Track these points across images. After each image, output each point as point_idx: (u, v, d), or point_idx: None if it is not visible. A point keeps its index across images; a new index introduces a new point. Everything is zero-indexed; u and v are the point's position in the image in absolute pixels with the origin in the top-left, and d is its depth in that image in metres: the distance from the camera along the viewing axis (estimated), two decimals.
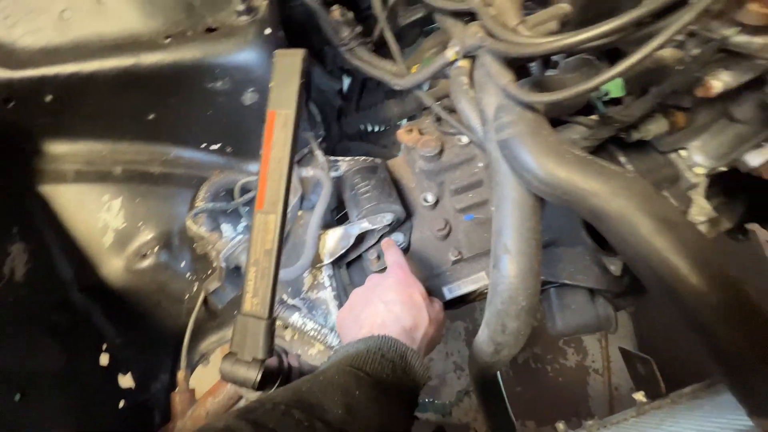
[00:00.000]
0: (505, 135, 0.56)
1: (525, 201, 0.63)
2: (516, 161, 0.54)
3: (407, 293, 0.64)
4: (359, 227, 0.88)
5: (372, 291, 0.65)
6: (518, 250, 0.61)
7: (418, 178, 1.02)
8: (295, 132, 0.44)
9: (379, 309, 0.62)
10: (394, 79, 1.05)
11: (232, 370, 0.42)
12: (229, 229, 0.77)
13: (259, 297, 0.42)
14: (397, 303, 0.62)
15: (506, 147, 0.56)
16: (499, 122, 0.58)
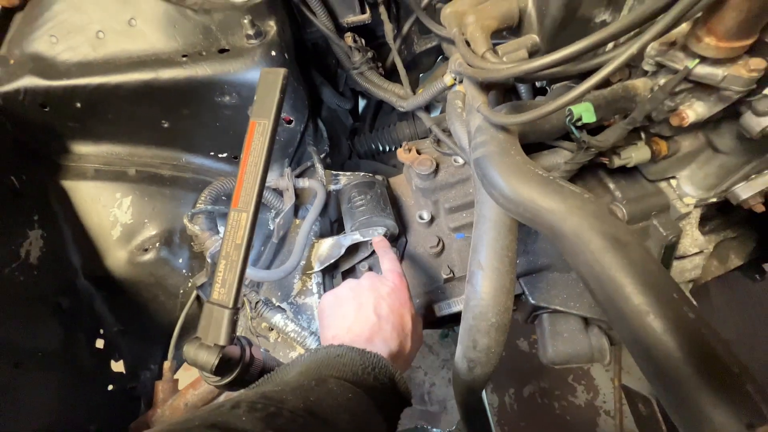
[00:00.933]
0: (478, 154, 0.59)
1: (500, 219, 0.64)
2: (486, 179, 0.56)
3: (400, 313, 0.64)
4: (351, 238, 0.91)
5: (367, 292, 0.64)
6: (491, 266, 0.62)
7: (415, 196, 1.05)
8: (272, 140, 0.48)
9: (370, 320, 0.61)
10: (399, 101, 1.11)
11: (194, 353, 0.45)
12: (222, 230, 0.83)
13: (226, 287, 0.45)
14: (389, 322, 0.61)
15: (479, 166, 0.59)
16: (475, 142, 0.61)
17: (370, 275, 0.71)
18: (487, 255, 0.63)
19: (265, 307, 0.71)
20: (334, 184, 1.05)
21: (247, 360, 0.48)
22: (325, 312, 0.65)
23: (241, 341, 0.49)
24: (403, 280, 0.71)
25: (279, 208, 0.85)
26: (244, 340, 0.50)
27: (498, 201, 0.55)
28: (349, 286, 0.68)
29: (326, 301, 0.67)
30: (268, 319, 0.71)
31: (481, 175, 0.58)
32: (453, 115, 0.89)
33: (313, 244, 0.91)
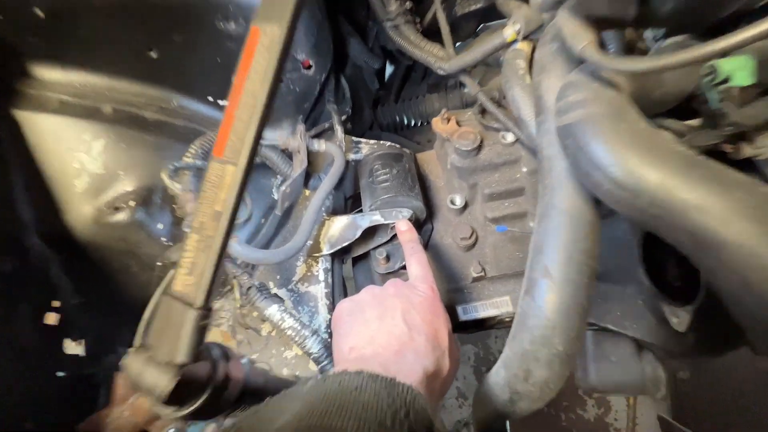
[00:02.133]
0: (570, 118, 0.41)
1: (582, 213, 0.48)
2: (582, 153, 0.39)
3: (434, 326, 0.51)
4: (370, 219, 0.75)
5: (393, 299, 0.52)
6: (564, 276, 0.46)
7: (448, 176, 0.88)
8: (282, 61, 0.32)
9: (398, 328, 0.48)
10: (438, 62, 0.92)
11: (138, 371, 0.29)
12: None
13: (195, 276, 0.30)
14: (422, 333, 0.49)
15: (570, 134, 0.42)
16: (565, 102, 0.43)
17: (395, 282, 0.57)
18: (559, 260, 0.47)
19: (259, 294, 0.56)
20: (354, 152, 0.88)
21: (218, 381, 0.32)
22: (342, 319, 0.52)
23: (211, 354, 0.34)
24: (436, 292, 0.57)
25: (287, 173, 0.69)
26: (216, 352, 0.35)
27: (600, 187, 0.39)
28: (371, 293, 0.54)
29: (343, 307, 0.53)
30: (261, 310, 0.56)
31: (573, 148, 0.41)
32: (513, 79, 0.71)
33: (323, 222, 0.75)
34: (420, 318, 0.51)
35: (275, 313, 0.56)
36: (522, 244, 0.83)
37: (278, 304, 0.56)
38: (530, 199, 0.80)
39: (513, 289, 0.87)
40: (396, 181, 0.80)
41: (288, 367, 0.60)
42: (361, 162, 0.87)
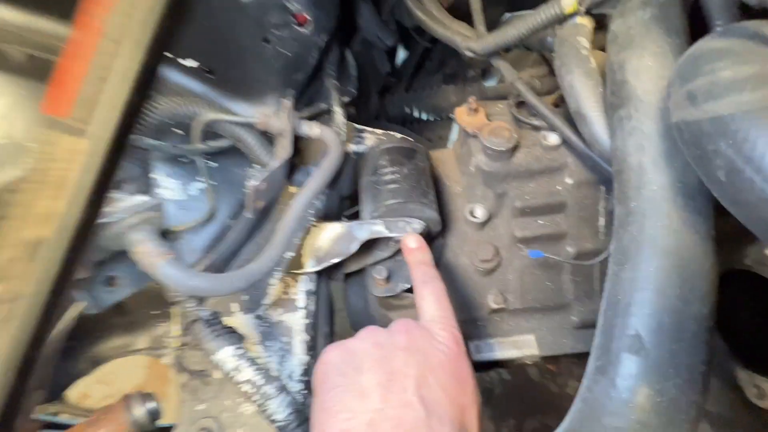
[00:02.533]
0: (726, 106, 0.25)
1: (696, 257, 0.32)
2: (752, 164, 0.23)
3: (460, 405, 0.36)
4: (370, 230, 0.58)
5: (406, 357, 0.38)
6: (667, 354, 0.30)
7: (469, 182, 0.71)
8: None
9: (413, 413, 0.34)
10: (466, 41, 0.74)
11: None
12: (175, 186, 0.50)
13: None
14: (445, 420, 0.34)
15: (722, 132, 0.25)
16: (709, 82, 0.27)
17: (407, 326, 0.40)
18: (658, 327, 0.31)
19: (207, 330, 0.40)
20: (356, 143, 0.71)
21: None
22: (328, 380, 0.36)
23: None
24: (461, 344, 0.41)
25: (265, 162, 0.52)
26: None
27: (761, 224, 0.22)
28: (373, 340, 0.39)
29: (331, 361, 0.38)
30: (210, 352, 0.40)
31: (727, 157, 0.25)
32: (572, 60, 0.54)
33: (309, 229, 0.58)
34: (442, 392, 0.35)
35: (228, 359, 0.39)
36: (556, 273, 0.67)
37: (234, 346, 0.40)
38: (572, 219, 0.64)
39: (539, 327, 0.71)
40: (406, 184, 0.63)
41: (244, 427, 0.44)
42: (364, 156, 0.70)
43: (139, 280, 0.38)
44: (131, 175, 0.39)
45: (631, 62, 0.41)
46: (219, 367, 0.40)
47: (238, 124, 0.50)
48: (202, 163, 0.51)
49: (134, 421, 0.43)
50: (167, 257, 0.32)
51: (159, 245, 0.32)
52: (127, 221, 0.32)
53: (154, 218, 0.33)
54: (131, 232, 0.32)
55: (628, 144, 0.39)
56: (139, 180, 0.40)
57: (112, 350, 0.55)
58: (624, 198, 0.37)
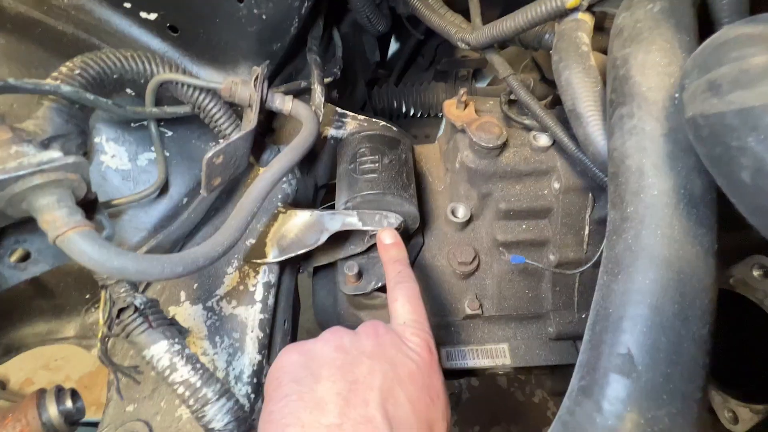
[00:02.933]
0: (751, 99, 0.21)
1: (696, 271, 0.29)
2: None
3: (429, 422, 0.32)
4: (342, 221, 0.53)
5: (371, 364, 0.33)
6: (659, 376, 0.27)
7: (453, 179, 0.68)
8: None
9: (371, 428, 0.29)
10: (460, 32, 0.70)
11: None
12: (121, 153, 0.43)
13: None
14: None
15: (754, 125, 0.21)
16: (738, 69, 0.23)
17: (376, 329, 0.36)
18: (651, 346, 0.27)
19: (138, 321, 0.33)
20: (335, 127, 0.66)
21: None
22: (282, 386, 0.31)
23: None
24: (434, 350, 0.37)
25: (228, 133, 0.46)
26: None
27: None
28: (336, 343, 0.34)
29: (287, 365, 0.33)
30: (141, 347, 0.33)
31: (756, 155, 0.21)
32: (571, 56, 0.51)
33: (275, 215, 0.53)
34: (409, 407, 0.31)
35: (161, 355, 0.33)
36: (535, 281, 0.64)
37: (170, 340, 0.34)
38: (556, 226, 0.61)
39: (513, 336, 0.68)
40: (386, 174, 0.59)
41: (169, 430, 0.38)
42: (343, 141, 0.64)
43: (60, 254, 0.32)
44: (62, 132, 0.33)
45: (637, 57, 0.37)
46: (151, 364, 0.34)
47: (199, 89, 0.44)
48: (154, 130, 0.45)
49: (45, 423, 0.37)
50: (81, 229, 0.26)
51: (72, 213, 0.26)
52: (30, 180, 0.25)
53: (70, 181, 0.26)
54: (35, 196, 0.26)
55: (627, 145, 0.35)
56: (74, 140, 0.34)
57: (34, 337, 0.48)
58: (619, 202, 0.34)
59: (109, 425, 0.39)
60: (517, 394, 1.80)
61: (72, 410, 0.38)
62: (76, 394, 0.40)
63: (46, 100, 0.34)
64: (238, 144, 0.42)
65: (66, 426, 0.38)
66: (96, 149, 0.43)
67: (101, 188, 0.43)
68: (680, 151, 0.32)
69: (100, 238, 0.27)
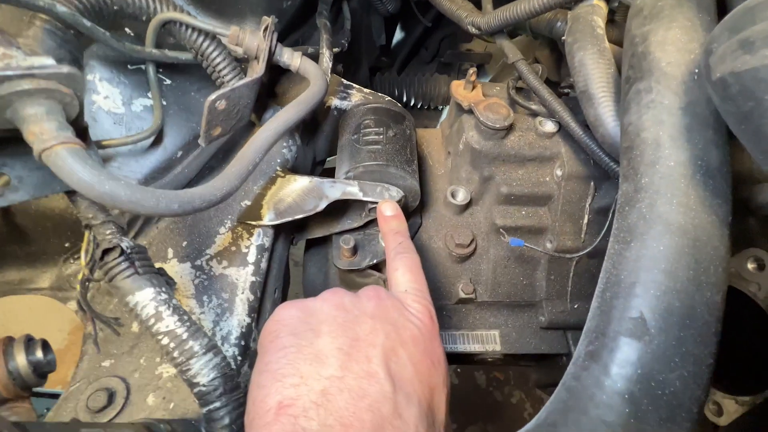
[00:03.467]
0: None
1: (711, 237, 0.29)
2: None
3: (430, 386, 0.31)
4: (342, 190, 0.52)
5: (373, 324, 0.32)
6: (672, 338, 0.26)
7: (455, 162, 0.67)
8: None
9: (378, 387, 0.29)
10: (470, 16, 0.70)
11: None
12: (114, 94, 0.40)
13: None
14: (413, 401, 0.29)
15: None
16: (759, 29, 0.23)
17: (378, 292, 0.35)
18: (665, 309, 0.27)
19: (124, 264, 0.31)
20: (340, 98, 0.64)
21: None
22: (277, 339, 0.30)
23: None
24: (435, 318, 0.37)
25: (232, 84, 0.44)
26: None
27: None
28: (337, 301, 0.33)
29: (283, 317, 0.31)
30: (124, 293, 0.31)
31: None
32: (586, 38, 0.51)
33: (274, 178, 0.51)
34: (412, 368, 0.30)
35: (146, 302, 0.30)
36: (531, 268, 0.64)
37: (156, 288, 0.31)
38: (555, 213, 0.61)
39: (505, 323, 0.67)
40: (390, 147, 0.57)
41: (158, 392, 0.35)
42: (347, 113, 0.63)
43: (43, 183, 0.29)
44: (54, 57, 0.30)
45: (657, 34, 0.37)
46: (135, 312, 0.32)
47: (204, 34, 0.41)
48: (152, 74, 0.42)
49: (12, 371, 0.34)
50: (72, 146, 0.23)
51: (62, 128, 0.24)
52: (18, 84, 0.23)
53: (63, 94, 0.24)
54: (22, 103, 0.23)
55: (644, 118, 0.35)
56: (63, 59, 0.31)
57: (4, 285, 0.44)
58: (633, 174, 0.34)
59: (82, 380, 0.36)
60: (495, 393, 1.81)
61: (42, 361, 0.35)
62: (47, 346, 0.38)
63: (39, 20, 0.31)
64: (242, 92, 0.40)
65: (34, 377, 0.35)
66: (88, 87, 0.40)
67: (90, 130, 0.40)
68: (698, 124, 0.32)
69: (91, 159, 0.24)
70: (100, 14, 0.36)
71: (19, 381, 0.35)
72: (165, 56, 0.42)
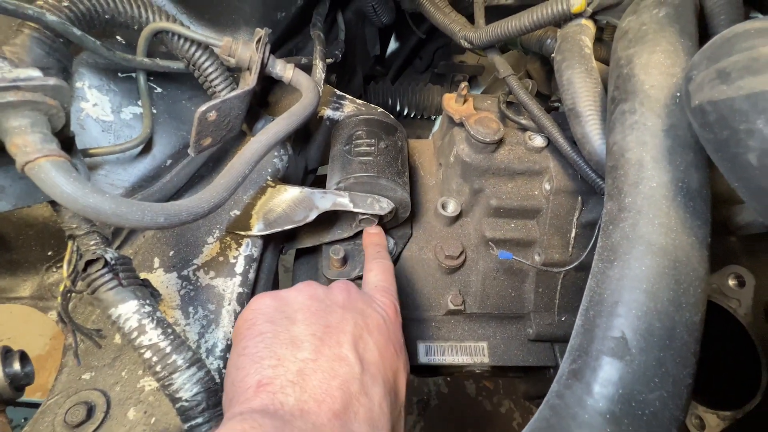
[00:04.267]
0: (761, 84, 0.22)
1: (690, 259, 0.29)
2: None
3: (393, 369, 0.35)
4: (333, 201, 0.52)
5: (343, 313, 0.35)
6: (652, 359, 0.27)
7: (446, 174, 0.67)
8: None
9: (347, 367, 0.31)
10: (464, 30, 0.71)
11: None
12: (104, 102, 0.40)
13: None
14: (378, 380, 0.32)
15: (751, 109, 0.22)
16: (735, 60, 0.24)
17: (347, 285, 0.39)
18: (645, 329, 0.27)
19: (107, 276, 0.30)
20: (333, 108, 0.65)
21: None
22: (255, 326, 0.32)
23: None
24: (399, 313, 0.41)
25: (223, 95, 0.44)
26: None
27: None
28: (310, 292, 0.36)
29: (261, 306, 0.33)
30: (106, 306, 0.30)
31: (747, 134, 0.22)
32: (574, 57, 0.52)
33: (264, 188, 0.51)
34: (377, 352, 0.33)
35: (129, 315, 0.30)
36: (519, 280, 0.65)
37: (140, 301, 0.31)
38: (543, 226, 0.61)
39: (493, 335, 0.67)
40: (381, 159, 0.58)
41: (139, 406, 0.35)
42: (339, 123, 0.63)
43: (27, 193, 0.28)
44: (41, 65, 0.30)
45: (642, 57, 0.38)
46: (117, 325, 0.31)
47: (197, 44, 0.41)
48: (143, 82, 0.42)
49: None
50: (55, 159, 0.23)
51: (46, 141, 0.23)
52: (2, 96, 0.22)
53: (48, 106, 0.23)
54: (6, 115, 0.23)
55: (628, 139, 0.36)
56: (53, 76, 0.30)
57: None
58: (617, 193, 0.34)
59: (60, 393, 0.35)
60: (484, 403, 1.80)
61: (19, 373, 0.34)
62: (25, 357, 0.37)
63: (27, 28, 0.31)
64: (233, 103, 0.40)
65: (11, 390, 0.34)
66: (77, 95, 0.40)
67: (78, 138, 0.40)
68: (679, 146, 0.33)
69: (76, 172, 0.24)
70: (90, 23, 0.36)
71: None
72: (156, 65, 0.41)
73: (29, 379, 0.36)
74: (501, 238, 0.63)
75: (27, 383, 0.36)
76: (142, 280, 0.35)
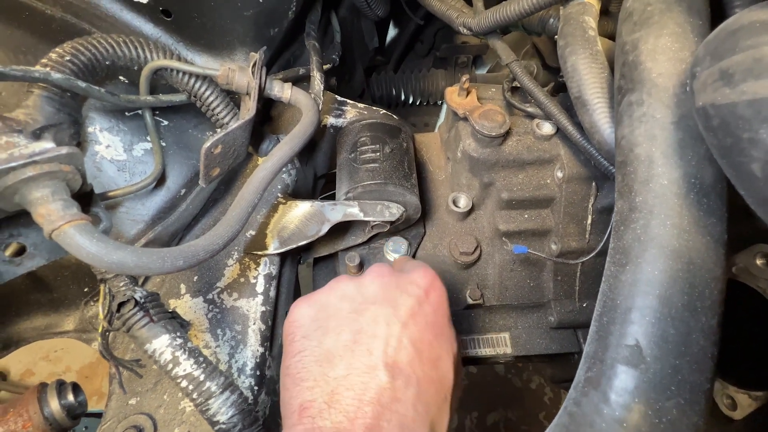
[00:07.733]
0: (765, 89, 0.20)
1: (706, 261, 0.29)
2: None
3: (431, 357, 0.36)
4: (344, 212, 0.52)
5: (374, 314, 0.35)
6: (668, 367, 0.27)
7: (455, 168, 0.67)
8: None
9: (378, 380, 0.33)
10: (462, 17, 0.69)
11: None
12: (116, 143, 0.42)
13: None
14: (411, 383, 0.34)
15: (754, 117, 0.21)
16: (738, 60, 0.22)
17: (380, 272, 0.39)
18: (660, 337, 0.27)
19: (139, 315, 0.33)
20: (335, 115, 0.65)
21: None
22: (293, 343, 0.34)
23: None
24: (437, 287, 0.40)
25: (225, 123, 0.45)
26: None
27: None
28: (341, 291, 0.36)
29: (297, 317, 0.35)
30: (142, 341, 0.33)
31: (751, 143, 0.21)
32: (577, 41, 0.49)
33: (275, 206, 0.52)
34: (412, 349, 0.34)
35: (163, 349, 0.33)
36: (537, 270, 0.64)
37: (171, 334, 0.33)
38: (558, 215, 0.60)
39: (515, 325, 0.68)
40: (387, 164, 0.58)
41: (183, 426, 0.38)
42: (343, 130, 0.63)
43: (57, 248, 0.31)
44: (54, 122, 0.31)
45: (647, 42, 0.36)
46: (154, 359, 0.34)
47: (195, 76, 0.42)
48: (149, 119, 0.43)
49: (48, 417, 0.36)
50: (78, 222, 0.25)
51: (67, 207, 0.25)
52: (22, 172, 0.24)
53: (64, 173, 0.25)
54: (28, 188, 0.25)
55: (636, 133, 0.34)
56: (66, 130, 0.32)
57: (32, 331, 0.47)
58: (628, 192, 0.33)
59: (112, 419, 0.39)
60: (514, 380, 1.82)
61: (74, 404, 0.38)
62: (77, 388, 0.40)
63: (36, 88, 0.33)
64: (236, 133, 0.41)
65: (68, 420, 0.37)
66: (90, 139, 0.42)
67: (96, 180, 0.42)
68: (691, 139, 0.31)
69: (98, 232, 0.26)
70: (93, 72, 0.37)
71: (55, 425, 0.37)
72: (160, 101, 0.43)
73: (83, 407, 0.40)
74: (515, 229, 0.62)
75: (81, 412, 0.40)
76: (171, 313, 0.37)
